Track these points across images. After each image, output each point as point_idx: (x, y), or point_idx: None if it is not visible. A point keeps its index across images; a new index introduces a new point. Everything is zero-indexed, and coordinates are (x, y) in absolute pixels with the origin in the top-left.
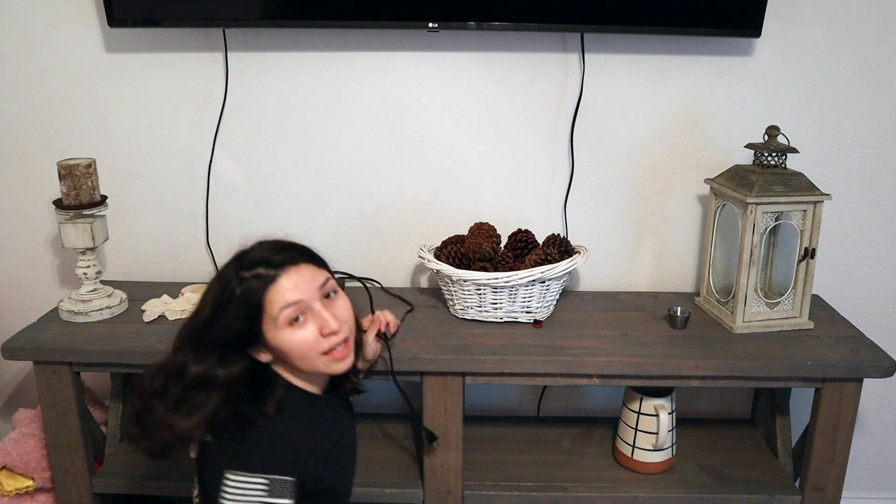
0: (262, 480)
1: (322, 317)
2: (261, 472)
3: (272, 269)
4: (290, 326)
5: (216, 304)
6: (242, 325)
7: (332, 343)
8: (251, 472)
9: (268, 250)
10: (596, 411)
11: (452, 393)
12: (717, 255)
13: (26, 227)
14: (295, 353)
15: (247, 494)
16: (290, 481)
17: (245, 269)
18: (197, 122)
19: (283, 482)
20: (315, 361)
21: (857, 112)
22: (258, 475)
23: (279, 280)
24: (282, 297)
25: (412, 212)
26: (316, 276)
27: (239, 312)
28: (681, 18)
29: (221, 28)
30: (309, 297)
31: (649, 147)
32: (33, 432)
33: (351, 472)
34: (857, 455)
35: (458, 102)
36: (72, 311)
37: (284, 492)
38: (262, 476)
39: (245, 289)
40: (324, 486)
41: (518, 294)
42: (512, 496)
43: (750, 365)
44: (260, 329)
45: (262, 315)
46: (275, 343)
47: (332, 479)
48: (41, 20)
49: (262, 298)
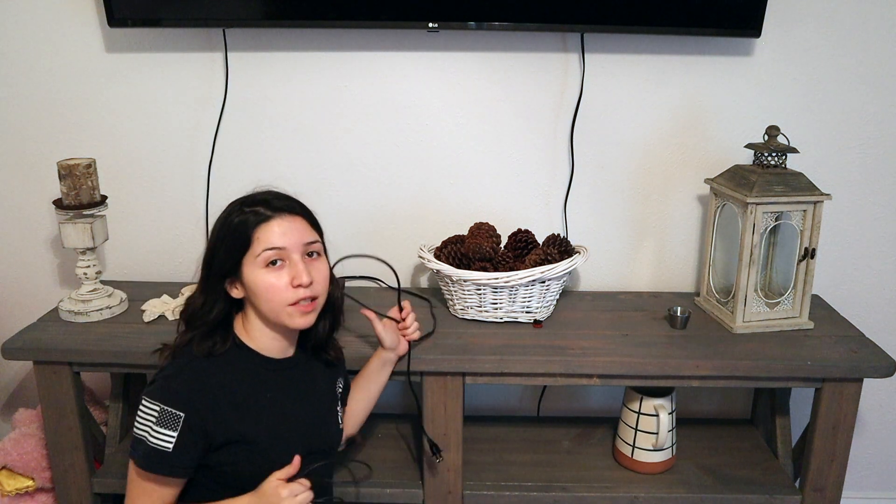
0: (154, 408)
1: (297, 268)
2: (156, 401)
3: (269, 210)
4: (266, 268)
5: (217, 233)
6: (229, 252)
7: (299, 296)
8: (151, 399)
9: (272, 195)
10: (596, 411)
11: (452, 393)
12: (717, 255)
13: (26, 227)
14: (262, 295)
15: (143, 418)
16: (178, 415)
17: (247, 205)
18: (197, 122)
19: (171, 414)
20: (278, 309)
21: (858, 112)
22: (154, 402)
23: (271, 222)
24: (268, 238)
25: (412, 212)
26: (306, 233)
27: (230, 242)
28: (681, 18)
29: (221, 28)
30: (291, 247)
31: (649, 147)
32: (33, 432)
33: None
34: (857, 455)
35: (458, 102)
36: (72, 311)
37: (170, 423)
38: (156, 403)
39: (240, 220)
40: (235, 437)
41: (518, 294)
42: (512, 496)
43: (750, 365)
44: (241, 262)
45: (248, 250)
46: (249, 279)
47: (247, 431)
48: (41, 20)
49: (251, 233)
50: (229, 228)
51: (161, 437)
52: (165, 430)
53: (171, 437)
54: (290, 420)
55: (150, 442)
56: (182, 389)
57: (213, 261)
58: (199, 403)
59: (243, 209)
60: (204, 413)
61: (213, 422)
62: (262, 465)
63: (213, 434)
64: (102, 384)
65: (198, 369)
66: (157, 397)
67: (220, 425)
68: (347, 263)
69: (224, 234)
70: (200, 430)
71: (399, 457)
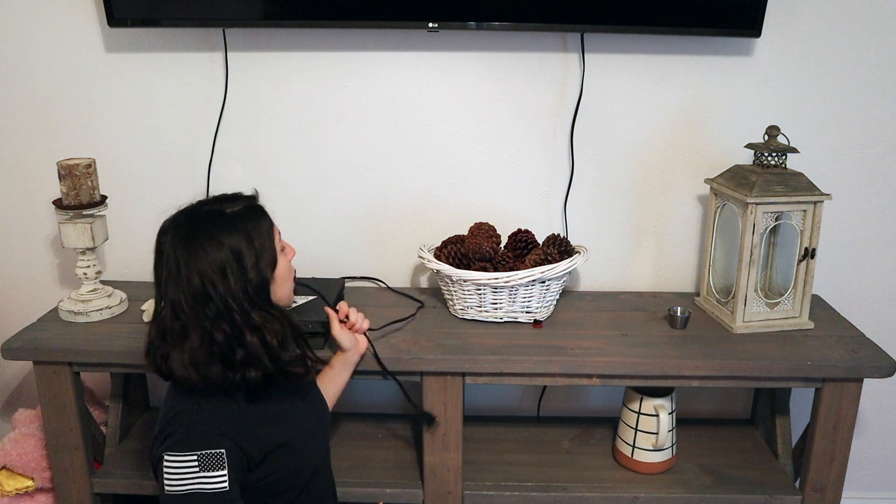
0: (192, 458)
1: (288, 247)
2: (191, 451)
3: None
4: (281, 254)
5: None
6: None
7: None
8: (182, 452)
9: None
10: (596, 411)
11: (452, 393)
12: (717, 255)
13: (26, 227)
14: (280, 277)
15: (184, 473)
16: (220, 453)
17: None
18: (197, 122)
19: (213, 455)
20: (289, 287)
21: (858, 112)
22: (189, 452)
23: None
24: (274, 229)
25: (412, 212)
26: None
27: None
28: (681, 18)
29: (221, 28)
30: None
31: (649, 147)
32: (33, 432)
33: (312, 432)
34: (857, 455)
35: (458, 102)
36: (72, 311)
37: (216, 464)
38: (192, 453)
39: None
40: (271, 446)
41: (518, 294)
42: (512, 496)
43: (750, 365)
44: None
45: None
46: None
47: (280, 437)
48: (41, 20)
49: (271, 233)
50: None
51: (213, 481)
52: (215, 473)
53: (223, 476)
54: (301, 409)
55: (206, 490)
56: (209, 428)
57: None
58: (230, 433)
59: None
60: (238, 440)
61: (249, 444)
62: (299, 466)
63: (252, 454)
64: (102, 384)
65: (209, 402)
66: (189, 448)
67: (255, 443)
68: (348, 263)
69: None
70: (241, 458)
71: (399, 457)
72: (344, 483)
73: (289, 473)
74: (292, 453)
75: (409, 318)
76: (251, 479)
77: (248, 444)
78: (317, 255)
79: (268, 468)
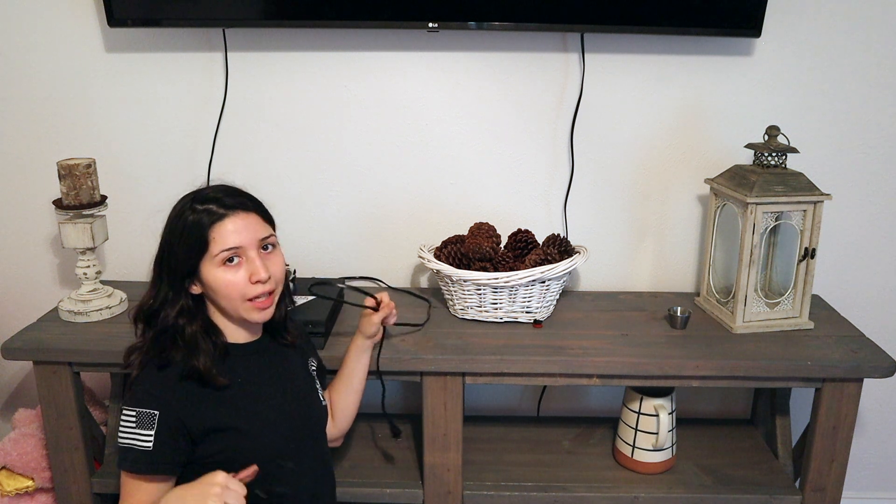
0: (132, 413)
1: (254, 265)
2: (132, 406)
3: (222, 208)
4: (223, 266)
5: (170, 232)
6: (188, 253)
7: (258, 291)
8: (127, 407)
9: (222, 192)
10: (596, 411)
11: (452, 393)
12: (717, 255)
13: (26, 227)
14: (222, 293)
15: (124, 427)
16: (153, 414)
17: (199, 202)
18: (197, 122)
19: (147, 415)
20: (237, 305)
21: (858, 112)
22: (131, 408)
23: (225, 220)
24: (224, 239)
25: (412, 212)
26: (260, 229)
27: (187, 243)
28: (681, 18)
29: (221, 28)
30: (247, 244)
31: (649, 147)
32: (33, 432)
33: (270, 422)
34: (857, 455)
35: (458, 102)
36: (72, 311)
37: (147, 424)
38: (132, 409)
39: (194, 220)
40: (214, 426)
41: (518, 294)
42: (512, 496)
43: (750, 365)
44: (199, 261)
45: (206, 251)
46: (207, 278)
47: (229, 420)
48: (41, 20)
49: (207, 234)
50: (183, 228)
51: (142, 439)
52: (144, 431)
53: (149, 436)
54: (268, 402)
55: (136, 447)
56: (152, 389)
57: (170, 260)
58: (171, 399)
59: (195, 206)
60: (177, 407)
61: (189, 414)
62: (252, 452)
63: (191, 426)
64: (102, 384)
65: (164, 366)
66: (132, 403)
67: (196, 417)
68: (348, 263)
69: (179, 233)
70: (178, 426)
71: (399, 457)
72: (344, 483)
73: (237, 458)
74: (240, 438)
75: (425, 323)
76: (197, 454)
77: (188, 416)
78: (317, 255)
79: (212, 446)
